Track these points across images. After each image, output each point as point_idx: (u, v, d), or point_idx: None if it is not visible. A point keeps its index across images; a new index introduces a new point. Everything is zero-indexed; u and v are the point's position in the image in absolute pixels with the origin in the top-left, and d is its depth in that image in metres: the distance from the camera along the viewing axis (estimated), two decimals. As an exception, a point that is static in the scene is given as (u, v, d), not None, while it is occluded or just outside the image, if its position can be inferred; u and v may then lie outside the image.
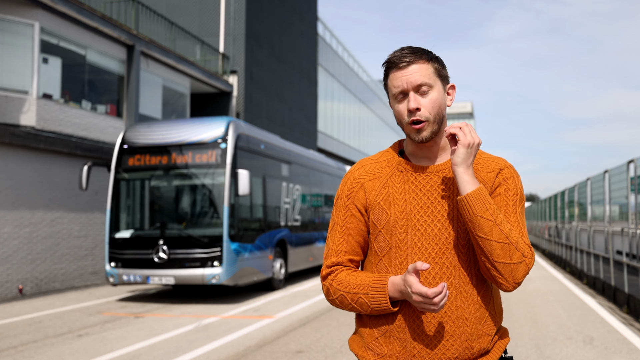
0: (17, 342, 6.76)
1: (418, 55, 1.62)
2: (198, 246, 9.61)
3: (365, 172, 1.73)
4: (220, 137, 9.96)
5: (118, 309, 9.26)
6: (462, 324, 1.59)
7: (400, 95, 1.63)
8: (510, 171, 1.69)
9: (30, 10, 11.79)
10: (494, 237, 1.55)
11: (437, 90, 1.63)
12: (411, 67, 1.61)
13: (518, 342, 6.33)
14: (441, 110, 1.63)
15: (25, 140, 11.15)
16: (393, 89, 1.63)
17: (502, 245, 1.55)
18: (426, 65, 1.62)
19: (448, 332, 1.59)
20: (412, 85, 1.60)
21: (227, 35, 20.18)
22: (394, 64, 1.62)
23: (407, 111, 1.62)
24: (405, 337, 1.61)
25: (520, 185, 1.70)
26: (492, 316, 1.65)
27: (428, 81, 1.61)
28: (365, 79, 41.71)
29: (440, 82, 1.64)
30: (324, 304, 9.37)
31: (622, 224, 10.21)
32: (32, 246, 11.51)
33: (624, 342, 6.42)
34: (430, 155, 1.69)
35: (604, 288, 10.55)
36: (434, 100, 1.61)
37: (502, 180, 1.67)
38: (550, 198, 21.04)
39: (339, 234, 1.72)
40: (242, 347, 6.28)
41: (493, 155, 1.75)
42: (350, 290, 1.64)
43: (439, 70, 1.64)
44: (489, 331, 1.63)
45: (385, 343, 1.64)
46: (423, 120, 1.60)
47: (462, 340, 1.59)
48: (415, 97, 1.60)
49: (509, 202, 1.65)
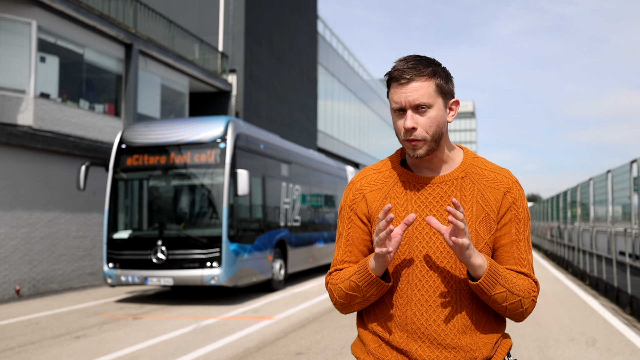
0: (14, 344, 6.73)
1: (420, 71, 1.59)
2: (197, 247, 9.55)
3: (367, 182, 1.73)
4: (220, 137, 9.90)
5: (116, 310, 9.21)
6: (462, 336, 1.61)
7: (399, 111, 1.62)
8: (518, 190, 1.68)
9: (28, 9, 11.72)
10: (508, 301, 1.60)
11: (436, 108, 1.61)
12: (411, 84, 1.59)
13: (520, 343, 6.31)
14: (440, 128, 1.62)
15: (22, 139, 11.08)
16: (392, 103, 1.63)
17: (515, 304, 1.62)
18: (427, 83, 1.59)
19: (450, 344, 1.60)
20: (411, 104, 1.59)
21: (226, 34, 20.12)
22: (394, 78, 1.61)
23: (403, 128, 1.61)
24: (406, 348, 1.62)
25: (526, 204, 1.70)
26: (493, 326, 1.66)
27: (427, 101, 1.59)
28: (365, 78, 41.68)
29: (442, 99, 1.62)
30: (324, 305, 9.32)
31: (625, 225, 10.17)
32: (30, 247, 11.44)
33: (627, 343, 6.41)
34: (432, 166, 1.68)
35: (607, 289, 10.51)
36: (432, 119, 1.60)
37: (511, 203, 1.65)
38: (553, 198, 21.01)
39: (343, 244, 1.74)
40: (241, 349, 6.25)
41: (498, 165, 1.73)
42: (343, 279, 1.67)
43: (441, 86, 1.62)
44: (489, 339, 1.64)
45: (388, 350, 1.66)
46: (419, 139, 1.60)
47: (464, 351, 1.60)
48: (412, 116, 1.59)
49: (520, 229, 1.66)
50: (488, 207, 1.64)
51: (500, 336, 1.69)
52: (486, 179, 1.66)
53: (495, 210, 1.64)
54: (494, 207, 1.64)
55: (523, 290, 1.61)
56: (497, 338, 1.66)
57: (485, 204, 1.64)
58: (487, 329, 1.64)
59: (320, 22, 30.73)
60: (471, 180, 1.66)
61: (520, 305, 1.61)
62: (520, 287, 1.60)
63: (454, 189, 1.65)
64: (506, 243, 1.65)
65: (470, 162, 1.70)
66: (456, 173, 1.67)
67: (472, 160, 1.71)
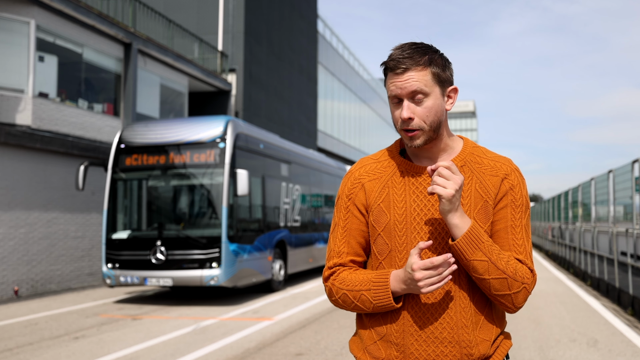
0: (12, 345, 6.71)
1: (416, 61, 1.56)
2: (196, 247, 9.51)
3: (365, 172, 1.70)
4: (219, 137, 9.86)
5: (115, 311, 9.18)
6: (460, 331, 1.58)
7: (396, 100, 1.60)
8: (517, 177, 1.65)
9: (26, 8, 11.67)
10: (491, 275, 1.55)
11: (433, 97, 1.58)
12: (407, 74, 1.56)
13: (521, 344, 6.28)
14: (437, 117, 1.59)
15: (20, 139, 11.04)
16: (389, 92, 1.61)
17: (500, 280, 1.56)
18: (423, 71, 1.57)
19: (446, 338, 1.57)
20: (407, 93, 1.56)
21: (226, 33, 20.08)
22: (390, 68, 1.59)
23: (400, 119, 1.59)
24: (403, 342, 1.59)
25: (526, 192, 1.67)
26: (491, 322, 1.62)
27: (424, 89, 1.56)
28: (365, 77, 41.64)
29: (439, 88, 1.59)
30: (324, 306, 9.28)
31: (626, 225, 10.13)
32: (28, 247, 11.40)
33: (629, 344, 6.38)
34: (431, 155, 1.66)
35: (608, 290, 10.48)
36: (429, 108, 1.57)
37: (508, 189, 1.62)
38: (554, 198, 21.00)
39: (340, 235, 1.70)
40: (241, 350, 6.23)
41: (498, 154, 1.70)
42: (352, 288, 1.62)
43: (438, 75, 1.59)
44: (487, 337, 1.61)
45: (383, 347, 1.62)
46: (416, 129, 1.58)
47: (461, 347, 1.57)
48: (408, 106, 1.57)
49: (516, 215, 1.62)
50: (487, 195, 1.61)
51: (500, 334, 1.65)
52: (485, 167, 1.64)
53: (492, 197, 1.61)
54: (491, 194, 1.61)
55: (512, 270, 1.55)
56: (495, 336, 1.62)
57: (484, 192, 1.61)
58: (485, 325, 1.60)
59: (320, 21, 30.70)
60: (470, 168, 1.64)
61: (507, 286, 1.54)
62: (508, 265, 1.55)
63: None
64: (501, 228, 1.61)
65: (469, 151, 1.67)
66: (455, 162, 1.64)
67: (471, 149, 1.68)
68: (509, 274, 1.55)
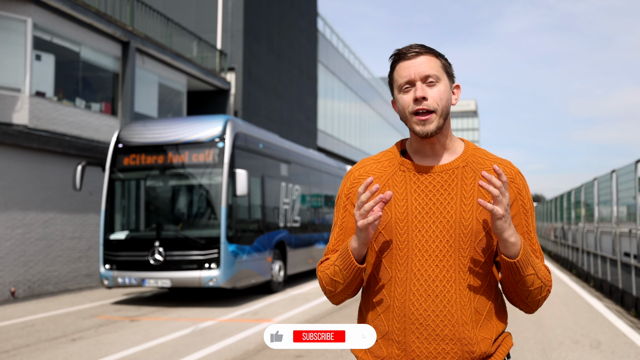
0: (9, 347, 6.67)
1: (427, 49, 1.64)
2: (195, 248, 9.45)
3: (365, 171, 1.72)
4: (218, 136, 9.79)
5: (113, 313, 9.13)
6: (461, 328, 1.58)
7: (407, 86, 1.62)
8: (521, 180, 1.68)
9: (23, 6, 11.60)
10: (534, 285, 1.60)
11: (444, 83, 1.63)
12: (420, 57, 1.62)
13: (523, 346, 6.24)
14: (447, 105, 1.63)
15: (17, 139, 10.98)
16: (399, 80, 1.63)
17: (539, 289, 1.62)
18: (435, 59, 1.63)
19: (447, 335, 1.58)
20: (420, 75, 1.60)
21: (225, 32, 20.00)
22: (402, 55, 1.63)
23: (413, 100, 1.60)
24: (404, 340, 1.60)
25: (530, 194, 1.70)
26: (493, 320, 1.64)
27: (436, 73, 1.61)
28: (366, 76, 41.57)
29: (447, 78, 1.65)
30: (324, 307, 9.24)
31: (629, 225, 10.05)
32: (25, 248, 11.33)
33: (632, 346, 6.36)
34: (433, 154, 1.67)
35: (612, 291, 10.42)
36: (441, 92, 1.61)
37: (517, 193, 1.65)
38: (557, 198, 20.98)
39: (336, 233, 1.73)
40: (240, 352, 6.19)
41: (498, 156, 1.73)
42: (329, 265, 1.68)
43: (446, 66, 1.66)
44: (489, 335, 1.61)
45: (384, 346, 1.63)
46: (431, 111, 1.59)
47: (462, 344, 1.58)
48: (422, 87, 1.60)
49: (528, 220, 1.66)
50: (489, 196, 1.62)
51: (502, 333, 1.66)
52: (487, 168, 1.65)
53: None
54: None
55: (545, 277, 1.62)
56: (497, 334, 1.63)
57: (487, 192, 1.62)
58: (487, 323, 1.61)
59: (321, 20, 30.63)
60: (472, 169, 1.65)
61: (540, 292, 1.62)
62: (543, 273, 1.62)
63: (455, 177, 1.64)
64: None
65: (471, 153, 1.69)
66: (457, 162, 1.66)
67: (473, 150, 1.70)
68: (544, 282, 1.62)
